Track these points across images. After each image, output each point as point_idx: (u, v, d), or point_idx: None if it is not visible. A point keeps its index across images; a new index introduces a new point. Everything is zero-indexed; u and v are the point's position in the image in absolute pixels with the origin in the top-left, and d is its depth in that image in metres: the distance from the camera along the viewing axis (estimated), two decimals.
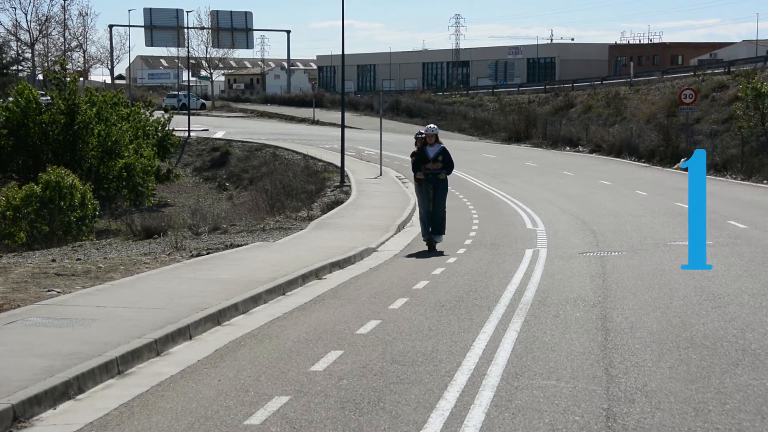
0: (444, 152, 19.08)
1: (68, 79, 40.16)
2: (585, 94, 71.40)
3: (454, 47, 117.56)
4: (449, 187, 19.64)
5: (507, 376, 8.87)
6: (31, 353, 8.98)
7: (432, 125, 19.74)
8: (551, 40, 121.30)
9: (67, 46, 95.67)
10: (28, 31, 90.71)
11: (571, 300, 12.94)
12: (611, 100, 64.98)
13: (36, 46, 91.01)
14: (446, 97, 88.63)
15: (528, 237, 20.95)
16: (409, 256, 18.37)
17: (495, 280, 14.81)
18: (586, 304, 12.62)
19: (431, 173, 18.92)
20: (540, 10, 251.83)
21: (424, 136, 19.27)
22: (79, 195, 29.37)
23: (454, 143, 61.21)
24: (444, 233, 19.29)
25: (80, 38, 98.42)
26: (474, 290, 13.89)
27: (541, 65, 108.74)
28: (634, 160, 47.62)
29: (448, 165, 19.12)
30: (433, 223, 18.96)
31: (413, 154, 19.25)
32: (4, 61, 23.91)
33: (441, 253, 18.34)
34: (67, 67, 45.14)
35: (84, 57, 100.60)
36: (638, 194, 31.04)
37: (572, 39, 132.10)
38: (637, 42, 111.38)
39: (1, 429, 7.08)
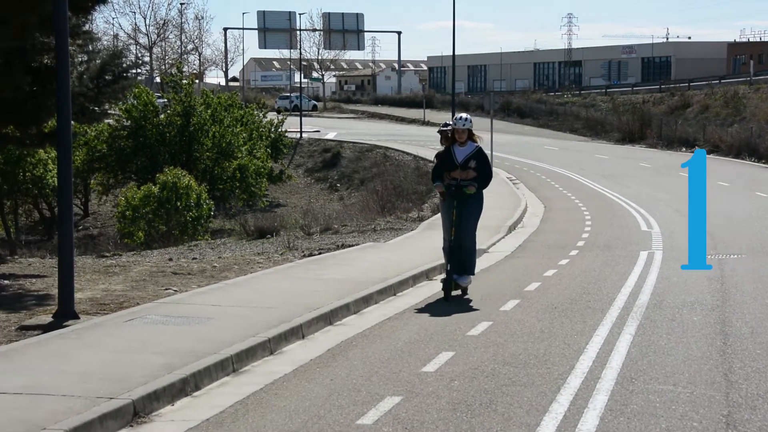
0: (479, 156, 13.34)
1: (184, 81, 41.06)
2: (702, 93, 69.83)
3: (566, 47, 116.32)
4: (483, 207, 13.65)
5: (622, 380, 8.71)
6: (150, 350, 9.18)
7: (464, 115, 13.58)
8: (667, 38, 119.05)
9: (183, 49, 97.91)
10: (147, 35, 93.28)
11: (688, 303, 12.65)
12: (730, 100, 63.40)
13: (154, 50, 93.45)
14: (558, 98, 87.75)
15: (642, 239, 20.56)
16: (521, 257, 18.21)
17: (608, 283, 14.58)
18: (704, 308, 12.33)
19: (456, 185, 13.28)
20: (655, 9, 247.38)
21: (450, 130, 13.62)
22: (194, 195, 29.98)
23: (565, 144, 60.58)
24: (473, 273, 13.52)
25: (196, 41, 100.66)
26: (587, 293, 13.70)
27: (656, 64, 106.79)
28: (753, 161, 46.39)
29: (483, 176, 13.34)
30: (457, 256, 13.26)
31: (438, 156, 13.77)
32: (123, 65, 24.72)
33: (467, 304, 12.73)
34: (183, 69, 46.09)
35: (199, 60, 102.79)
36: (758, 196, 30.20)
37: (689, 37, 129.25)
38: (758, 40, 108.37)
39: (121, 424, 7.26)
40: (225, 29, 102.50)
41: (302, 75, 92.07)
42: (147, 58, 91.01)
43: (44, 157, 35.13)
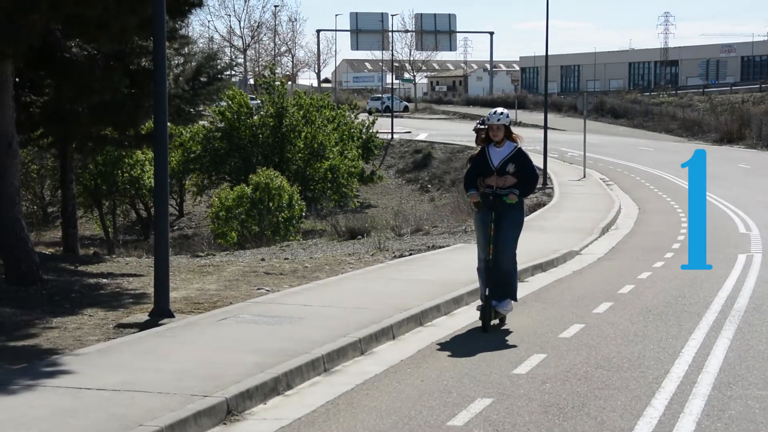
0: (518, 158, 11.15)
1: (277, 83, 41.50)
2: None
3: (662, 46, 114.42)
4: (524, 219, 11.57)
5: (719, 384, 8.52)
6: (243, 349, 9.29)
7: (500, 110, 11.30)
8: None
9: (276, 51, 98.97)
10: (241, 38, 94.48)
11: None
12: None
13: (248, 52, 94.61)
14: (653, 98, 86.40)
15: (741, 241, 20.10)
16: (614, 260, 17.95)
17: (705, 286, 14.28)
18: None
19: (493, 194, 11.10)
20: (755, 6, 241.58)
21: (485, 127, 11.44)
22: (287, 196, 30.28)
23: (660, 144, 59.57)
24: (514, 298, 11.40)
25: (289, 43, 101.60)
26: (682, 296, 13.44)
27: (756, 63, 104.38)
28: None
29: (525, 180, 11.16)
30: (494, 278, 11.08)
31: (471, 159, 11.56)
32: (218, 67, 25.13)
33: (505, 337, 10.69)
34: (276, 71, 46.61)
35: (292, 61, 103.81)
36: None
37: None
38: None
39: (215, 421, 7.36)
40: (318, 31, 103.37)
41: (394, 76, 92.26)
42: (241, 60, 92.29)
43: (141, 159, 35.88)
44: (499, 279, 11.07)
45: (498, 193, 11.03)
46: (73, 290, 13.26)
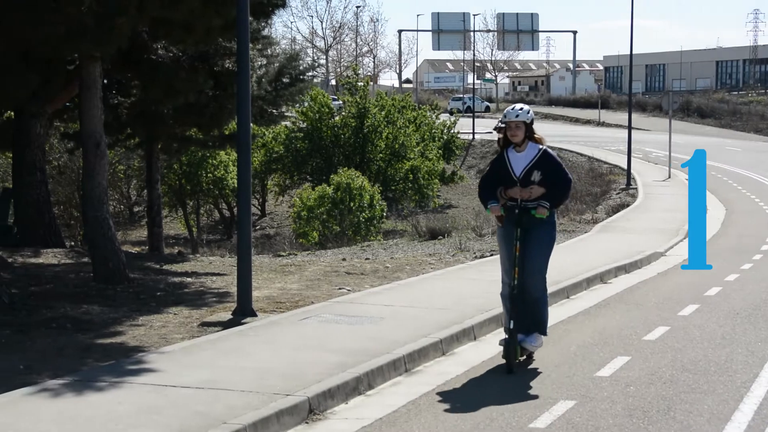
0: (544, 162, 9.27)
1: (359, 83, 41.65)
2: None
3: (751, 44, 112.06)
4: (556, 234, 9.67)
5: None
6: (324, 348, 9.33)
7: (520, 106, 9.40)
8: None
9: (358, 51, 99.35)
10: (323, 38, 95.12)
11: None
12: None
13: (330, 53, 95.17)
14: (741, 97, 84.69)
15: None
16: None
17: None
18: None
19: (519, 207, 9.23)
20: None
21: (504, 126, 9.36)
22: (367, 196, 30.36)
23: (749, 144, 58.36)
24: (544, 332, 9.54)
25: (371, 43, 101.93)
26: None
27: None
28: None
29: (555, 189, 9.30)
30: (521, 307, 9.25)
31: (491, 164, 9.60)
32: (300, 68, 25.36)
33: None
34: (358, 72, 46.77)
35: (374, 62, 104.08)
36: None
37: None
38: None
39: (297, 420, 7.40)
40: (399, 31, 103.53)
41: (475, 76, 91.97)
42: (323, 61, 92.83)
43: (224, 159, 36.31)
44: (526, 308, 9.25)
45: (525, 206, 9.19)
46: (158, 289, 13.47)
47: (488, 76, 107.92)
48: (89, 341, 9.82)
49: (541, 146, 9.33)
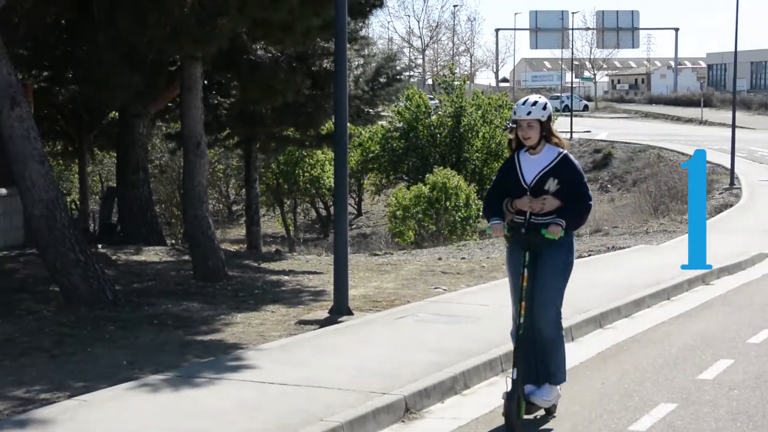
0: (564, 169, 7.43)
1: (456, 83, 41.57)
2: None
3: None
4: (574, 258, 7.66)
5: None
6: (420, 347, 9.32)
7: (533, 98, 7.49)
8: None
9: (455, 50, 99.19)
10: (420, 38, 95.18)
11: None
12: None
13: (426, 52, 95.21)
14: None
15: None
16: None
17: None
18: None
19: (527, 225, 7.41)
20: None
21: (515, 126, 7.52)
22: (463, 196, 30.28)
23: None
24: (559, 380, 7.63)
25: (468, 43, 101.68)
26: None
27: None
28: None
29: (573, 205, 7.38)
30: (529, 350, 7.49)
31: (499, 170, 7.77)
32: (397, 68, 25.50)
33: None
34: (455, 71, 46.68)
35: (470, 61, 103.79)
36: None
37: None
38: None
39: (393, 419, 7.40)
40: (497, 30, 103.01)
41: (573, 75, 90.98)
42: (420, 61, 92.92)
43: (321, 159, 36.60)
44: (535, 352, 7.53)
45: (534, 223, 7.34)
46: (256, 287, 13.63)
47: (587, 74, 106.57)
48: (189, 338, 9.98)
49: (561, 150, 7.43)
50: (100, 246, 17.26)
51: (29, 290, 12.63)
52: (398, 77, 22.10)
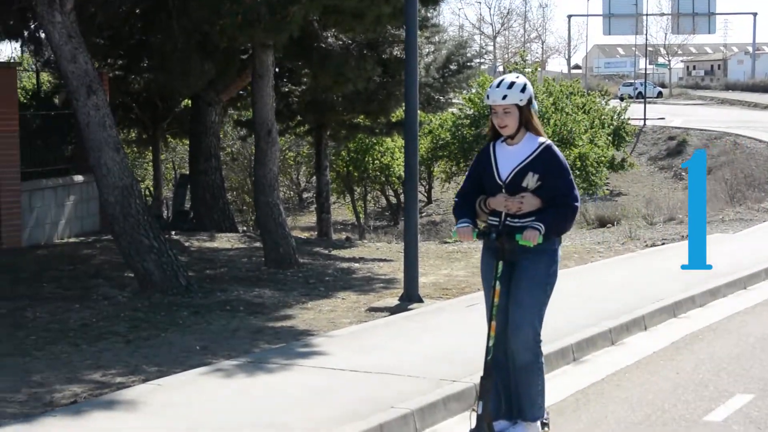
0: (546, 162, 6.26)
1: (527, 70, 41.26)
2: None
3: None
4: (557, 269, 6.54)
5: None
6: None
7: (510, 78, 6.25)
8: None
9: (526, 37, 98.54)
10: (491, 25, 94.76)
11: None
12: None
13: (497, 39, 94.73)
14: None
15: None
16: None
17: None
18: None
19: (500, 229, 6.29)
20: None
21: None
22: None
23: None
24: (535, 417, 6.41)
25: (539, 29, 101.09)
26: None
27: None
28: None
29: (555, 208, 6.23)
30: (503, 378, 6.44)
31: (474, 163, 6.54)
32: (468, 55, 25.41)
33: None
34: (526, 58, 46.32)
35: (542, 48, 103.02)
36: None
37: None
38: None
39: (464, 407, 7.37)
40: (569, 16, 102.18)
41: (647, 61, 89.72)
42: (490, 48, 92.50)
43: (391, 146, 36.59)
44: (509, 380, 6.43)
45: (509, 226, 6.26)
46: (326, 274, 13.70)
47: (661, 60, 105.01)
48: (261, 324, 10.07)
49: (543, 139, 6.30)
50: (173, 232, 17.50)
51: (105, 276, 12.85)
52: (468, 64, 22.00)
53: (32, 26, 15.51)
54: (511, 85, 6.21)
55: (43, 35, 14.92)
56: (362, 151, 36.65)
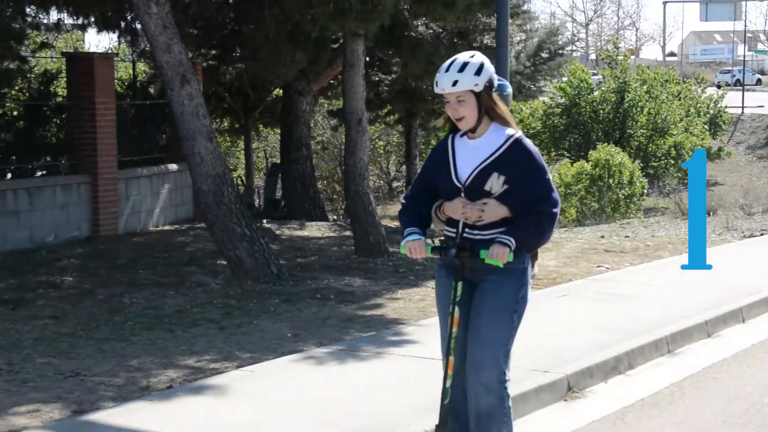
0: (515, 159, 4.95)
1: (620, 57, 40.64)
2: None
3: None
4: (528, 293, 5.33)
5: None
6: (582, 326, 9.18)
7: (463, 59, 4.97)
8: None
9: (619, 24, 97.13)
10: (584, 12, 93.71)
11: None
12: None
13: (590, 26, 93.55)
14: None
15: None
16: None
17: None
18: None
19: (459, 242, 5.10)
20: None
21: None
22: (627, 173, 29.60)
23: None
24: None
25: (633, 16, 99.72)
26: None
27: None
28: None
29: (527, 215, 4.96)
30: (461, 422, 5.28)
31: (426, 160, 5.30)
32: (559, 43, 25.20)
33: None
34: (619, 45, 45.62)
35: (636, 35, 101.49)
36: None
37: None
38: None
39: (556, 397, 7.31)
40: (664, 3, 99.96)
41: (746, 48, 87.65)
42: (582, 35, 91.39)
43: None
44: (469, 423, 5.27)
45: (470, 239, 5.12)
46: (416, 263, 13.68)
47: (761, 47, 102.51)
48: (351, 312, 10.11)
49: (512, 131, 5.05)
50: (264, 221, 17.69)
51: (198, 263, 13.05)
52: (560, 52, 21.84)
53: (129, 17, 15.82)
54: (463, 66, 4.97)
55: (139, 26, 15.20)
56: None
